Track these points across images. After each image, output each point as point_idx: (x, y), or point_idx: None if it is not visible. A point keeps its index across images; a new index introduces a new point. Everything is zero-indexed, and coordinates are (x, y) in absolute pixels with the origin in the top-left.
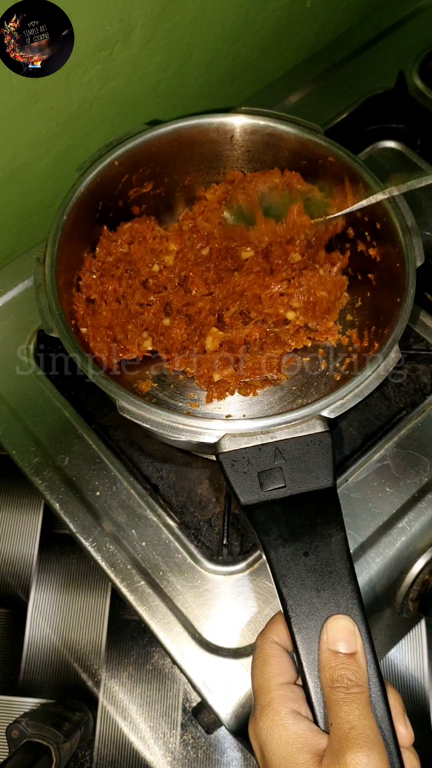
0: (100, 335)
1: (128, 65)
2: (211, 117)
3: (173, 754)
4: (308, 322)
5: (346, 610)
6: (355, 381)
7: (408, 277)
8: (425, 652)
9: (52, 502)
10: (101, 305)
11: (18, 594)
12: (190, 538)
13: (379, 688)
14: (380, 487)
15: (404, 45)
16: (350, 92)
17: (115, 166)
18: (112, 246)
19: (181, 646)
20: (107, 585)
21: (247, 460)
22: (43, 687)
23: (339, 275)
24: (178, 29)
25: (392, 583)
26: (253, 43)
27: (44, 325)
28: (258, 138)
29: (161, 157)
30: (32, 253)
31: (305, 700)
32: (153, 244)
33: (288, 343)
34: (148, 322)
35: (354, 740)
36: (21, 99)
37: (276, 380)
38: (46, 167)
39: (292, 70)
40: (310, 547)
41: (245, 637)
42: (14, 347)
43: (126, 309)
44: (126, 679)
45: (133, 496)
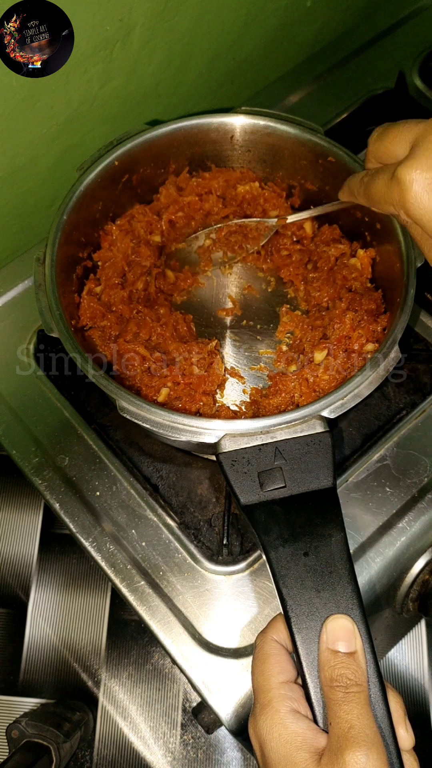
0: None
1: (128, 65)
2: (211, 117)
3: (173, 754)
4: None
5: (346, 610)
6: (355, 381)
7: (408, 277)
8: (425, 652)
9: (52, 502)
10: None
11: (18, 594)
12: (190, 538)
13: (378, 688)
14: (380, 487)
15: (404, 45)
16: (350, 92)
17: (115, 166)
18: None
19: (181, 646)
20: (107, 585)
21: (247, 460)
22: (43, 687)
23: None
24: (178, 29)
25: (392, 583)
26: (253, 43)
27: (44, 325)
28: (258, 138)
29: (161, 157)
30: (32, 253)
31: (305, 699)
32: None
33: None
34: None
35: (353, 739)
36: (21, 99)
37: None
38: (46, 167)
39: (292, 70)
40: (310, 547)
41: (245, 637)
42: (14, 347)
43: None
44: (126, 679)
45: (133, 496)
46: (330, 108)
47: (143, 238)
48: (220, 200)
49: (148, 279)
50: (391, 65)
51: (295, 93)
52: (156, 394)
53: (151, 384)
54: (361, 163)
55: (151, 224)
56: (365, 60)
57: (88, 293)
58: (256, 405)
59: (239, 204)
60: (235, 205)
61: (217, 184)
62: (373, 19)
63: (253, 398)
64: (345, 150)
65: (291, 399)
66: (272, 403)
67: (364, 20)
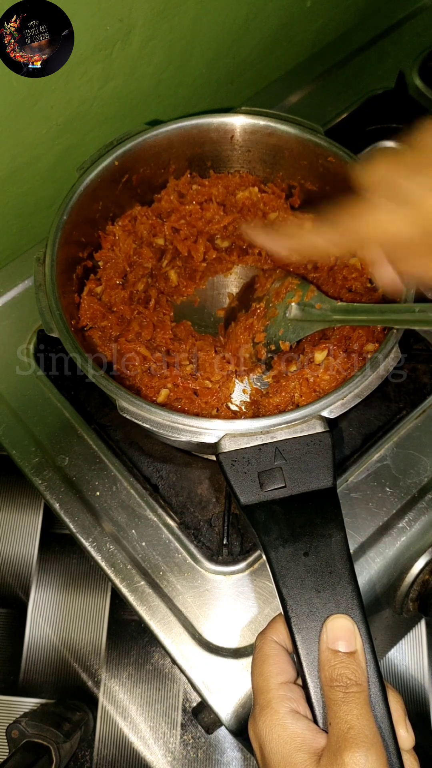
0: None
1: (128, 65)
2: (211, 117)
3: (173, 754)
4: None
5: (346, 610)
6: (355, 381)
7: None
8: (425, 652)
9: (52, 502)
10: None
11: (18, 594)
12: (190, 538)
13: (378, 688)
14: (380, 487)
15: (404, 45)
16: (350, 92)
17: (115, 166)
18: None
19: (181, 646)
20: (107, 585)
21: (247, 460)
22: (43, 687)
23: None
24: (178, 29)
25: (392, 583)
26: (253, 43)
27: (44, 325)
28: (258, 138)
29: (161, 157)
30: (32, 253)
31: (305, 700)
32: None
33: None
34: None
35: (352, 740)
36: (21, 99)
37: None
38: (46, 167)
39: (292, 70)
40: (310, 547)
41: (245, 637)
42: (14, 347)
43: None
44: (126, 679)
45: (133, 496)
46: (330, 108)
47: (146, 239)
48: (221, 207)
49: (149, 281)
50: (391, 65)
51: (295, 93)
52: (156, 395)
53: (151, 384)
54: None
55: (155, 227)
56: (365, 60)
57: (88, 293)
58: (256, 405)
59: (239, 210)
60: (235, 212)
61: (216, 191)
62: (373, 19)
63: (253, 398)
64: (345, 150)
65: (291, 399)
66: (272, 403)
67: (364, 20)
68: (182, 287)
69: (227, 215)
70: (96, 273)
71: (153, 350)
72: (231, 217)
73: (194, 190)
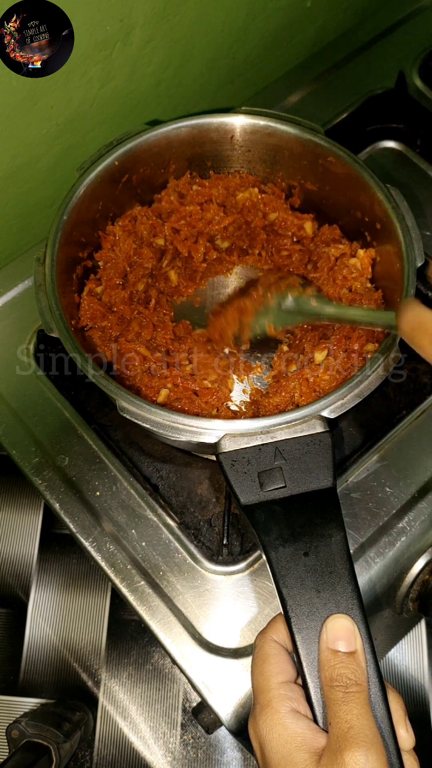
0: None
1: (128, 65)
2: (211, 117)
3: (173, 754)
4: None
5: (346, 610)
6: (355, 381)
7: (408, 277)
8: (425, 652)
9: (52, 502)
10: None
11: (18, 594)
12: (190, 538)
13: (378, 688)
14: (380, 487)
15: (404, 45)
16: (350, 92)
17: (115, 166)
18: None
19: (181, 646)
20: (107, 585)
21: (247, 460)
22: (43, 687)
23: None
24: (178, 29)
25: (392, 583)
26: (253, 43)
27: (44, 325)
28: (258, 138)
29: (161, 157)
30: (32, 253)
31: (305, 699)
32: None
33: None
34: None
35: (352, 739)
36: (21, 99)
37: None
38: (46, 167)
39: (292, 70)
40: (310, 547)
41: (245, 637)
42: (14, 347)
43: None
44: (126, 679)
45: (133, 496)
46: (330, 108)
47: (146, 240)
48: (221, 208)
49: (149, 281)
50: (391, 65)
51: (295, 93)
52: (156, 395)
53: (151, 384)
54: (362, 163)
55: (155, 228)
56: (365, 60)
57: (88, 293)
58: (256, 405)
59: (240, 211)
60: (235, 213)
61: (216, 192)
62: (373, 19)
63: (253, 398)
64: (345, 150)
65: (291, 399)
66: (272, 403)
67: (364, 20)
68: (182, 287)
69: (227, 216)
70: (96, 273)
71: (153, 350)
72: (231, 218)
73: (194, 191)
